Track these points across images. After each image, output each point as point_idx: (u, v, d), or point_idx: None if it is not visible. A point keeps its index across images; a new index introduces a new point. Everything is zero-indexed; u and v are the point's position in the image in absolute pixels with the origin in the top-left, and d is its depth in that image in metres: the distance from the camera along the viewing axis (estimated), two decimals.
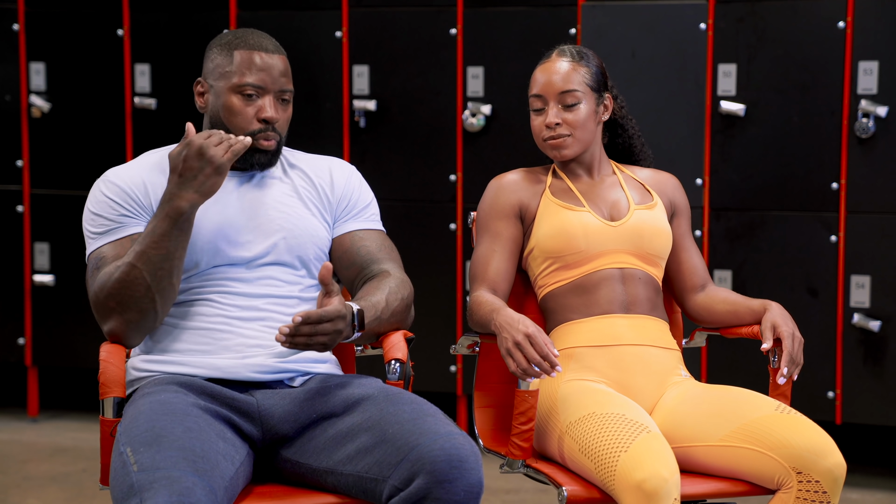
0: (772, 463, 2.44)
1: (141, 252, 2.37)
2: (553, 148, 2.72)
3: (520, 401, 2.51)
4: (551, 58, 2.74)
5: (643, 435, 2.38)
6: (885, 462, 4.37)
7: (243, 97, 2.53)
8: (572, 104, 2.70)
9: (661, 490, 2.30)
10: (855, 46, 3.99)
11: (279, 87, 2.55)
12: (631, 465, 2.34)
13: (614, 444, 2.38)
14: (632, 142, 2.87)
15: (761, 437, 2.45)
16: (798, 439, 2.42)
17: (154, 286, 2.38)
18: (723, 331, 2.79)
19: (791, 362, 2.58)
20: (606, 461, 2.38)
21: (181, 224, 2.37)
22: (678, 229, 2.81)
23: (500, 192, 2.75)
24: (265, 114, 2.52)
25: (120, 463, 2.20)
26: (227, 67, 2.54)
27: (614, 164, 2.82)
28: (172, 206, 2.36)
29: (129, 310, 2.40)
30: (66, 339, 4.82)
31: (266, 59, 2.54)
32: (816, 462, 2.40)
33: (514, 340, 2.46)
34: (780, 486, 2.44)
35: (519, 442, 2.55)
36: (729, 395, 2.58)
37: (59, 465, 4.34)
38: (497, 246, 2.72)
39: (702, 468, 2.53)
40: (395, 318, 2.52)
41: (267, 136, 2.53)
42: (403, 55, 4.45)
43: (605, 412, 2.46)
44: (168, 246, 2.37)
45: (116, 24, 4.68)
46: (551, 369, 2.44)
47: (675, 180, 2.85)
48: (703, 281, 2.81)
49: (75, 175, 4.75)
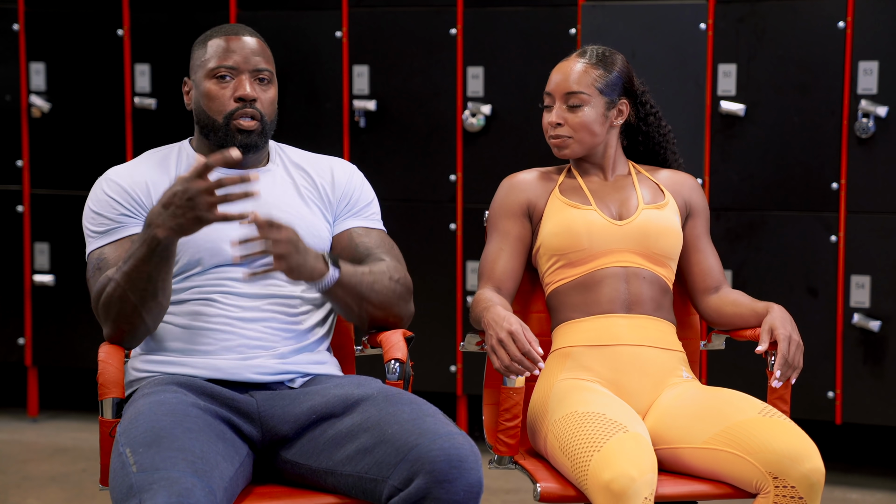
0: (749, 467, 2.43)
1: (125, 273, 2.35)
2: (553, 147, 2.75)
3: (505, 398, 2.54)
4: (570, 58, 2.75)
5: (618, 435, 2.39)
6: (885, 462, 4.37)
7: (218, 80, 2.53)
8: (576, 106, 2.70)
9: (629, 489, 2.31)
10: (855, 46, 3.99)
11: (253, 66, 2.54)
12: (601, 464, 2.35)
13: (589, 444, 2.39)
14: (657, 148, 2.85)
15: (741, 440, 2.44)
16: (776, 444, 2.41)
17: (140, 305, 2.37)
18: (731, 333, 2.79)
19: (785, 365, 2.57)
20: (580, 460, 2.39)
21: (160, 252, 2.32)
22: (693, 230, 2.80)
23: (510, 191, 2.77)
24: (240, 91, 2.51)
25: (119, 463, 2.20)
26: (202, 58, 2.56)
27: (632, 165, 2.82)
28: (149, 233, 2.31)
29: (121, 322, 2.40)
30: (66, 339, 4.82)
31: (238, 42, 2.54)
32: (793, 467, 2.39)
33: (498, 337, 2.49)
34: (758, 490, 2.43)
35: (505, 438, 2.58)
36: (716, 397, 2.57)
37: (59, 465, 4.34)
38: (505, 245, 2.74)
39: (688, 470, 2.53)
40: (382, 294, 2.51)
41: (245, 112, 2.52)
42: (403, 55, 4.45)
43: (586, 411, 2.47)
44: (149, 270, 2.34)
45: (116, 24, 4.68)
46: (533, 366, 2.46)
47: (693, 181, 2.84)
48: (716, 283, 2.80)
49: (75, 175, 4.74)
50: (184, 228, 2.29)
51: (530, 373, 2.47)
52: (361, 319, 2.56)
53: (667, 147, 2.87)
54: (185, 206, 2.26)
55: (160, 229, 2.30)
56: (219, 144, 2.53)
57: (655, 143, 2.85)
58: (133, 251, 2.35)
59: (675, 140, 2.88)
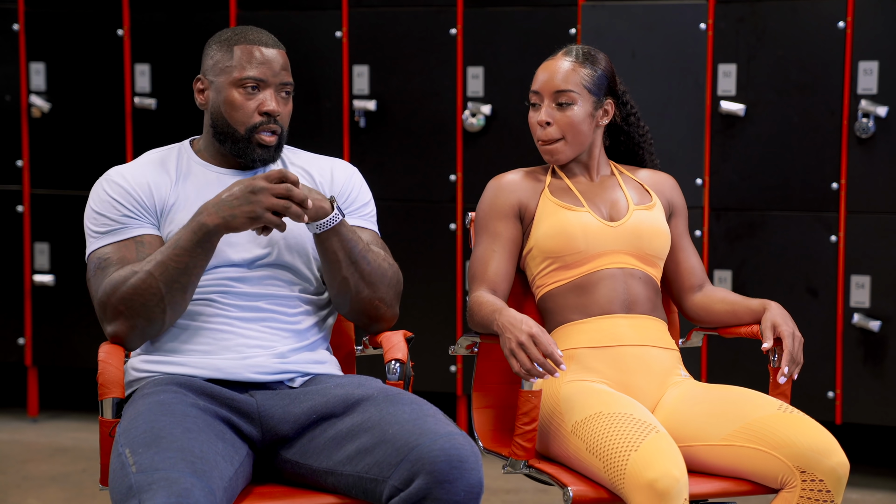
0: (775, 462, 2.44)
1: (161, 262, 2.37)
2: (545, 153, 2.74)
3: (523, 401, 2.51)
4: (556, 56, 2.74)
5: (652, 434, 2.38)
6: (885, 462, 4.37)
7: (244, 91, 2.53)
8: (565, 104, 2.70)
9: (673, 489, 2.31)
10: (855, 46, 3.99)
11: (280, 81, 2.54)
12: (642, 464, 2.34)
13: (624, 444, 2.38)
14: (636, 149, 2.86)
15: (765, 436, 2.45)
16: (802, 438, 2.43)
17: (167, 298, 2.38)
18: (721, 330, 2.79)
19: (791, 361, 2.59)
20: (616, 460, 2.38)
21: (204, 242, 2.36)
22: (675, 229, 2.81)
23: (499, 192, 2.75)
24: (267, 107, 2.52)
25: (119, 464, 2.20)
26: (227, 62, 2.54)
27: (613, 165, 2.82)
28: (199, 220, 2.36)
29: (138, 316, 2.40)
30: (66, 339, 4.82)
31: (266, 52, 2.54)
32: (820, 461, 2.41)
33: (518, 341, 2.46)
34: (783, 485, 2.44)
35: (522, 442, 2.55)
36: (731, 395, 2.58)
37: (59, 465, 4.34)
38: (496, 246, 2.72)
39: (705, 468, 2.53)
40: (373, 266, 2.50)
41: (268, 128, 2.53)
42: (403, 55, 4.45)
43: (612, 412, 2.46)
44: (188, 262, 2.37)
45: (116, 24, 4.68)
46: (555, 369, 2.44)
47: (672, 181, 2.85)
48: (700, 281, 2.81)
49: (75, 175, 4.74)
50: (235, 219, 2.34)
51: (551, 375, 2.46)
52: (348, 291, 2.50)
53: (645, 147, 2.87)
54: (244, 199, 2.34)
55: (210, 217, 2.35)
56: (235, 154, 2.54)
57: (635, 143, 2.86)
58: (173, 242, 2.38)
59: (652, 140, 2.89)
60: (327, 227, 2.44)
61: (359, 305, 2.53)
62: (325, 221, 2.43)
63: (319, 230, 2.44)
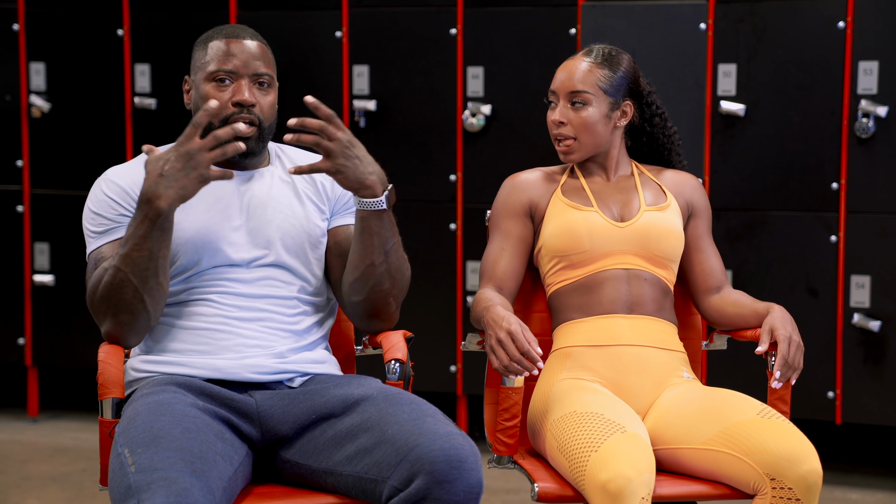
0: (747, 468, 2.42)
1: (124, 255, 2.35)
2: (559, 152, 2.75)
3: (504, 397, 2.55)
4: (576, 56, 2.75)
5: (616, 435, 2.39)
6: (885, 462, 4.37)
7: (217, 84, 2.52)
8: (579, 104, 2.70)
9: (625, 490, 2.31)
10: (855, 46, 3.99)
11: (253, 71, 2.53)
12: (599, 464, 2.35)
13: (586, 444, 2.39)
14: (661, 150, 2.84)
15: (739, 441, 2.44)
16: (774, 445, 2.41)
17: (141, 287, 2.36)
18: (732, 333, 2.79)
19: (785, 366, 2.56)
20: (578, 460, 2.39)
21: (161, 224, 2.33)
22: (695, 230, 2.80)
23: (512, 190, 2.77)
24: (238, 96, 2.51)
25: (118, 464, 2.20)
26: (202, 59, 2.55)
27: (635, 165, 2.81)
28: (152, 208, 2.31)
29: (121, 312, 2.39)
30: (66, 339, 4.82)
31: (238, 45, 2.53)
32: (790, 468, 2.38)
33: (497, 337, 2.49)
34: (756, 491, 2.42)
35: (504, 438, 2.58)
36: (715, 398, 2.57)
37: (59, 465, 4.34)
38: (507, 245, 2.74)
39: (687, 470, 2.53)
40: (400, 261, 2.51)
41: (243, 118, 2.51)
42: (403, 55, 4.45)
43: (585, 411, 2.47)
44: (150, 247, 2.34)
45: (116, 24, 4.68)
46: (532, 366, 2.46)
47: (695, 181, 2.83)
48: (718, 283, 2.79)
49: (75, 175, 4.74)
50: (187, 190, 2.31)
51: (529, 373, 2.47)
52: (371, 277, 2.49)
53: (671, 148, 2.85)
54: (186, 167, 2.29)
55: (161, 199, 2.31)
56: None
57: (660, 144, 2.84)
58: (130, 234, 2.34)
59: (680, 141, 2.87)
60: (373, 209, 2.43)
61: (374, 296, 2.52)
62: (372, 202, 2.43)
63: (363, 207, 2.44)
